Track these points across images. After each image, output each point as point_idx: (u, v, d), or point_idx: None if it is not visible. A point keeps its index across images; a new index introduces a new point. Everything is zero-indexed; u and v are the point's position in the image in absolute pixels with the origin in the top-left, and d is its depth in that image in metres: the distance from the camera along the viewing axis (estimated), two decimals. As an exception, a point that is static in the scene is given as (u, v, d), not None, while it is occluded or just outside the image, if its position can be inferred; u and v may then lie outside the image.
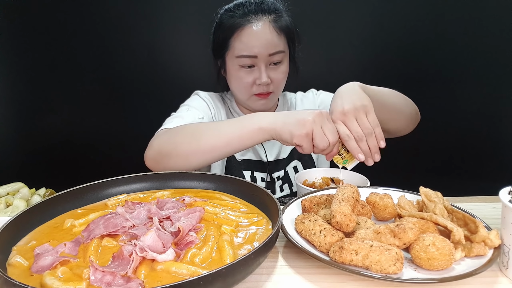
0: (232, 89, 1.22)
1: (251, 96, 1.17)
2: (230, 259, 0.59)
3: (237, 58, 1.11)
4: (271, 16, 1.11)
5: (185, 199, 0.79)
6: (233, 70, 1.14)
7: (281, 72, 1.15)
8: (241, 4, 1.13)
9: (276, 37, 1.11)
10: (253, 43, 1.09)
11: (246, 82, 1.14)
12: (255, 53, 1.09)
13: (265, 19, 1.11)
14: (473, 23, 1.73)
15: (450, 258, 0.57)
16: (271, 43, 1.10)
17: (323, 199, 0.76)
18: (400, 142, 1.88)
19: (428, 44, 1.76)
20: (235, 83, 1.17)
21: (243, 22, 1.10)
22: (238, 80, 1.15)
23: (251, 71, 1.13)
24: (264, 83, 1.12)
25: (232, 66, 1.14)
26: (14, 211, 0.87)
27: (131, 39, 1.74)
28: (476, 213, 0.71)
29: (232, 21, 1.11)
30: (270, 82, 1.13)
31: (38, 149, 1.83)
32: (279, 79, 1.15)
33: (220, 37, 1.15)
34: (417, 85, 1.82)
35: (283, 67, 1.15)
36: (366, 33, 1.77)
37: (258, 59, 1.10)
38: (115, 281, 0.54)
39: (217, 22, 1.18)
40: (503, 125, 1.84)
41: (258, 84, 1.13)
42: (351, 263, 0.57)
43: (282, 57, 1.14)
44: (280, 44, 1.12)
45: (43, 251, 0.62)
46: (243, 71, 1.13)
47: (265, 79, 1.11)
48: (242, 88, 1.16)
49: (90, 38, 1.73)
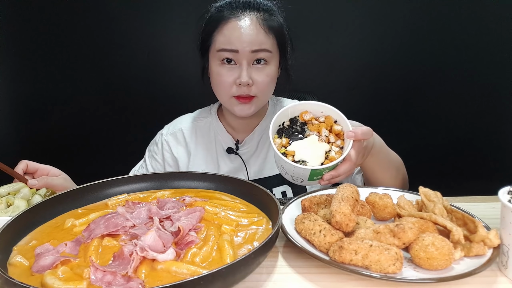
0: (213, 89, 1.13)
1: (230, 99, 1.07)
2: (230, 258, 0.59)
3: (218, 52, 1.04)
4: (260, 13, 1.06)
5: (186, 199, 0.79)
6: (214, 66, 1.07)
7: (265, 74, 1.05)
8: (230, 1, 1.08)
9: (262, 34, 1.04)
10: (235, 36, 1.02)
11: (225, 80, 1.05)
12: (236, 47, 1.02)
13: (252, 15, 1.05)
14: (473, 23, 1.73)
15: (450, 258, 0.58)
16: (255, 39, 1.02)
17: (323, 199, 0.77)
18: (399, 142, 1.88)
19: (428, 44, 1.76)
20: (215, 82, 1.09)
21: (229, 16, 1.04)
22: (218, 78, 1.06)
23: (232, 68, 1.04)
24: (244, 83, 1.02)
25: (214, 62, 1.07)
26: (15, 211, 0.87)
27: (131, 40, 1.74)
28: (475, 213, 0.71)
29: (219, 16, 1.06)
30: (252, 83, 1.04)
31: (38, 149, 1.83)
32: (263, 82, 1.05)
33: (205, 32, 1.10)
34: (417, 85, 1.82)
35: (268, 69, 1.06)
36: (366, 33, 1.77)
37: (240, 54, 1.02)
38: (115, 280, 0.54)
39: (206, 18, 1.12)
40: (502, 125, 1.84)
41: (238, 84, 1.04)
42: (351, 263, 0.58)
43: (268, 57, 1.05)
44: (266, 43, 1.04)
45: (44, 250, 0.62)
46: (224, 68, 1.05)
47: (246, 79, 1.02)
48: (222, 88, 1.07)
49: (91, 39, 1.73)
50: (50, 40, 1.72)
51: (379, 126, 1.88)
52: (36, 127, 1.82)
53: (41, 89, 1.78)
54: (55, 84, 1.78)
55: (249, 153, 1.18)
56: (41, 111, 1.81)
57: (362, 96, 1.82)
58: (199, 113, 1.26)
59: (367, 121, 1.45)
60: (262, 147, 1.19)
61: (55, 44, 1.73)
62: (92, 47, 1.75)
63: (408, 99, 1.84)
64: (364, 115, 1.53)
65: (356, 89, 1.80)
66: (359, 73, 1.80)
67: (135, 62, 1.77)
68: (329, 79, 1.80)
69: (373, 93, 1.83)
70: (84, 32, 1.72)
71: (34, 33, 1.71)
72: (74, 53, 1.75)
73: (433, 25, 1.74)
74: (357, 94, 1.81)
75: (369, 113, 1.80)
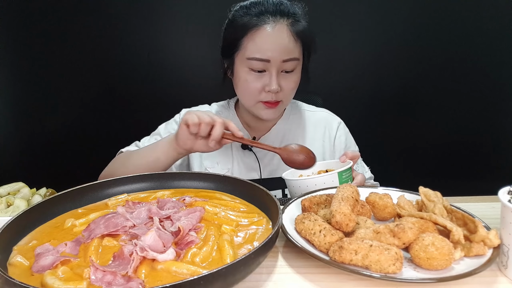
0: (238, 93, 1.13)
1: (257, 103, 1.08)
2: (230, 258, 0.59)
3: (248, 60, 1.03)
4: (289, 19, 1.03)
5: (186, 199, 0.79)
6: (242, 72, 1.06)
7: (292, 81, 1.07)
8: (258, 2, 1.05)
9: (292, 42, 1.03)
10: (267, 46, 1.01)
11: (254, 87, 1.05)
12: (268, 57, 1.01)
13: (282, 21, 1.02)
14: (473, 23, 1.73)
15: (450, 258, 0.58)
16: (286, 48, 1.02)
17: (322, 199, 0.77)
18: (399, 142, 1.89)
19: (428, 44, 1.76)
20: (241, 87, 1.09)
21: (258, 22, 1.01)
22: (246, 84, 1.06)
23: (261, 76, 1.04)
24: (273, 91, 1.04)
25: (241, 68, 1.06)
26: (15, 211, 0.87)
27: (131, 40, 1.74)
28: (475, 213, 0.71)
29: (247, 19, 1.03)
30: (280, 90, 1.05)
31: (39, 149, 1.84)
32: (289, 88, 1.07)
33: (231, 36, 1.07)
34: (417, 85, 1.82)
35: (295, 76, 1.08)
36: (366, 33, 1.77)
37: (271, 64, 1.02)
38: (115, 280, 0.54)
39: (229, 19, 1.09)
40: (502, 125, 1.84)
41: (267, 91, 1.04)
42: (351, 263, 0.58)
43: (296, 65, 1.06)
44: (295, 51, 1.04)
45: (44, 250, 0.62)
46: (252, 75, 1.04)
47: (275, 87, 1.03)
48: (248, 94, 1.08)
49: (91, 39, 1.73)
50: (50, 40, 1.72)
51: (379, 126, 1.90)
52: (36, 127, 1.82)
53: (41, 89, 1.78)
54: (55, 84, 1.78)
55: (264, 152, 1.18)
56: (41, 111, 1.81)
57: (362, 96, 1.82)
58: (219, 107, 1.26)
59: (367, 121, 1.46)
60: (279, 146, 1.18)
61: (55, 44, 1.73)
62: (92, 47, 1.75)
63: (407, 99, 1.84)
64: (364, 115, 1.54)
65: (356, 89, 1.80)
66: (359, 73, 1.80)
67: (135, 62, 1.77)
68: (329, 80, 1.80)
69: (373, 93, 1.83)
70: (84, 32, 1.73)
71: (34, 33, 1.71)
72: (74, 53, 1.75)
73: (433, 25, 1.75)
74: (357, 94, 1.81)
75: (369, 113, 1.81)
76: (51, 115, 1.81)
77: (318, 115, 1.28)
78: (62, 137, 1.83)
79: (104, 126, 1.85)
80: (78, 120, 1.83)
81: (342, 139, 1.26)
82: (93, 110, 1.82)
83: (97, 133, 1.84)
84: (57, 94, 1.79)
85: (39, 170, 1.81)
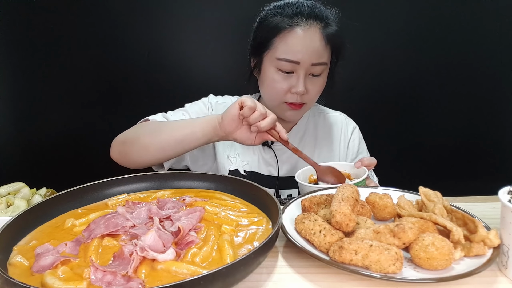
0: (262, 92, 1.15)
1: (281, 104, 1.10)
2: (230, 258, 0.59)
3: (277, 60, 1.04)
4: (321, 23, 1.04)
5: (186, 199, 0.79)
6: (270, 72, 1.07)
7: (319, 84, 1.09)
8: (292, 3, 1.06)
9: (322, 47, 1.04)
10: (298, 48, 1.02)
11: (280, 87, 1.06)
12: (298, 59, 1.02)
13: (315, 25, 1.03)
14: (473, 23, 1.73)
15: (450, 258, 0.58)
16: (316, 52, 1.03)
17: (323, 199, 0.77)
18: (399, 142, 1.89)
19: (428, 44, 1.76)
20: (268, 86, 1.10)
21: (292, 23, 1.02)
22: (272, 84, 1.07)
23: (289, 77, 1.05)
24: (300, 93, 1.05)
25: (269, 67, 1.07)
26: (15, 211, 0.87)
27: (131, 40, 1.74)
28: (475, 213, 0.71)
29: (279, 19, 1.04)
30: (306, 92, 1.06)
31: (38, 149, 1.83)
32: (315, 91, 1.09)
33: (262, 35, 1.07)
34: (417, 85, 1.82)
35: (321, 79, 1.09)
36: (366, 33, 1.77)
37: (300, 66, 1.03)
38: (115, 280, 0.54)
39: (261, 18, 1.10)
40: (502, 125, 1.84)
41: (293, 92, 1.06)
42: (351, 263, 0.58)
43: (323, 69, 1.07)
44: (324, 56, 1.05)
45: (44, 250, 0.62)
46: (279, 75, 1.06)
47: (302, 88, 1.04)
48: (275, 93, 1.08)
49: (90, 38, 1.73)
50: (50, 40, 1.72)
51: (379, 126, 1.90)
52: (36, 127, 1.82)
53: (41, 89, 1.78)
54: (55, 84, 1.78)
55: (283, 150, 1.20)
56: (41, 111, 1.81)
57: (362, 96, 1.82)
58: None
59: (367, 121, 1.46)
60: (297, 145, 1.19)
61: (55, 44, 1.73)
62: (92, 47, 1.74)
63: (407, 99, 1.84)
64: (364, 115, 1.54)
65: (356, 89, 1.80)
66: (359, 73, 1.80)
67: (135, 62, 1.77)
68: (329, 79, 1.80)
69: (373, 93, 1.83)
70: (84, 32, 1.72)
71: (34, 33, 1.71)
72: (74, 52, 1.75)
73: (433, 25, 1.74)
74: (357, 94, 1.80)
75: (369, 113, 1.81)
76: (51, 115, 1.81)
77: (336, 117, 1.31)
78: (62, 137, 1.83)
79: (104, 126, 1.84)
80: (78, 120, 1.83)
81: (355, 142, 1.29)
82: (93, 109, 1.82)
83: (97, 133, 1.84)
84: (58, 94, 1.79)
85: (39, 170, 1.81)
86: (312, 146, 1.25)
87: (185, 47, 1.77)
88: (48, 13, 1.69)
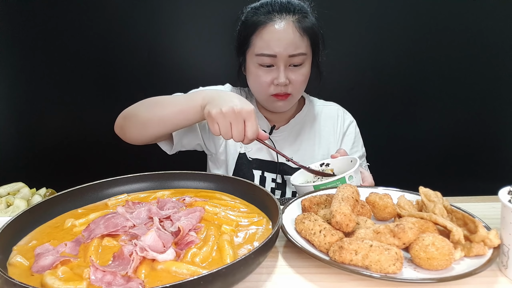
0: (251, 88, 1.21)
1: (269, 97, 1.15)
2: (230, 258, 0.59)
3: (256, 56, 1.10)
4: (295, 16, 1.10)
5: (185, 199, 0.79)
6: (252, 68, 1.14)
7: (301, 74, 1.13)
8: (266, 3, 1.13)
9: (298, 38, 1.09)
10: (273, 42, 1.07)
11: (263, 81, 1.12)
12: (275, 52, 1.08)
13: (288, 18, 1.09)
14: (473, 23, 1.73)
15: (450, 258, 0.58)
16: (292, 43, 1.08)
17: (323, 199, 0.77)
18: (399, 142, 1.89)
19: (428, 44, 1.76)
20: (253, 82, 1.16)
21: (266, 20, 1.09)
22: (256, 79, 1.13)
23: (270, 70, 1.11)
24: (282, 84, 1.10)
25: (252, 64, 1.14)
26: (15, 211, 0.87)
27: (131, 40, 1.74)
28: (475, 213, 0.71)
29: (255, 18, 1.11)
30: (289, 83, 1.12)
31: (38, 149, 1.83)
32: (298, 81, 1.13)
33: (242, 34, 1.15)
34: (417, 85, 1.82)
35: (304, 69, 1.13)
36: (366, 33, 1.77)
37: (278, 58, 1.09)
38: (115, 280, 0.54)
39: (242, 20, 1.18)
40: (502, 125, 1.84)
41: (276, 84, 1.11)
42: (351, 263, 0.58)
43: (303, 59, 1.12)
44: (302, 46, 1.10)
45: (44, 251, 0.62)
46: (261, 70, 1.12)
47: (283, 80, 1.09)
48: (260, 87, 1.15)
49: (90, 38, 1.73)
50: (50, 40, 1.72)
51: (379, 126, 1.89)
52: (36, 127, 1.82)
53: (41, 89, 1.78)
54: (55, 84, 1.77)
55: (282, 141, 1.26)
56: (41, 111, 1.81)
57: (362, 96, 1.82)
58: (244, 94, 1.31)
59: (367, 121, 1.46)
60: (296, 137, 1.27)
61: (55, 44, 1.73)
62: (92, 47, 1.74)
63: (407, 99, 1.84)
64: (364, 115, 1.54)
65: (356, 89, 1.80)
66: (359, 73, 1.80)
67: (135, 61, 1.77)
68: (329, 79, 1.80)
69: (373, 93, 1.82)
70: (84, 32, 1.72)
71: (34, 33, 1.71)
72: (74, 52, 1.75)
73: (433, 25, 1.74)
74: (357, 94, 1.80)
75: (368, 113, 1.81)
76: (51, 115, 1.81)
77: (331, 109, 1.35)
78: (62, 137, 1.83)
79: (104, 126, 1.84)
80: (78, 120, 1.83)
81: (351, 137, 1.32)
82: (93, 109, 1.82)
83: (97, 133, 1.84)
84: (58, 94, 1.79)
85: (39, 170, 1.81)
86: (311, 139, 1.29)
87: (185, 47, 1.77)
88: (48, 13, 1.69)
